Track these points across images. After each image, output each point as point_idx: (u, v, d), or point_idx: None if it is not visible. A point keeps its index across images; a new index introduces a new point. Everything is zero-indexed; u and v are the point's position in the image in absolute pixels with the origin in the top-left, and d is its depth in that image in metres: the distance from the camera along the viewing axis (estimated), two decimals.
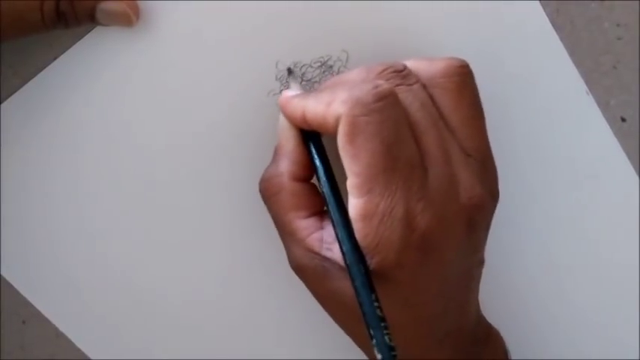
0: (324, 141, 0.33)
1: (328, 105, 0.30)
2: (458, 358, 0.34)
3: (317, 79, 0.36)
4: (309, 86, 0.36)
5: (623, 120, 0.40)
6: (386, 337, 0.28)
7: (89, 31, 0.34)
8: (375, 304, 0.28)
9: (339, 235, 0.30)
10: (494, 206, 0.33)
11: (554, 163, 0.40)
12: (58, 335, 0.37)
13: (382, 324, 0.28)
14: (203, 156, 0.37)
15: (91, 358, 0.38)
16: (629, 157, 0.40)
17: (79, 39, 0.34)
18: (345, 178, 0.30)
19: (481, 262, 0.34)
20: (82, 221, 0.37)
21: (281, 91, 0.36)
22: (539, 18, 0.38)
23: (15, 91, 0.35)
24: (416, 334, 0.32)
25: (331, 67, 0.36)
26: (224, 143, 0.37)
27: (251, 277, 0.39)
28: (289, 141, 0.33)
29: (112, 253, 0.37)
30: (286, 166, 0.33)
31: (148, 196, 0.37)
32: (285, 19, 0.36)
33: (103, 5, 0.33)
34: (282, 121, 0.34)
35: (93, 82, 0.35)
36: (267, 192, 0.33)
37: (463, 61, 0.32)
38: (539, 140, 0.40)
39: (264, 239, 0.38)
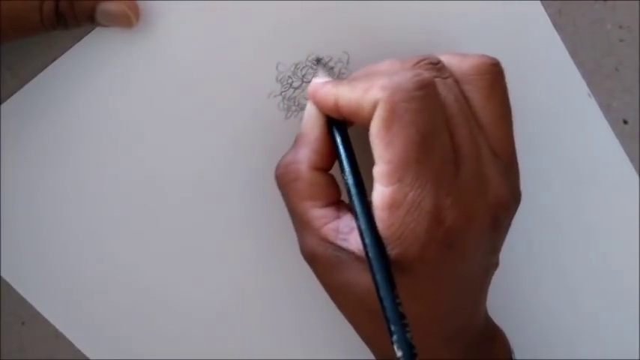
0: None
1: (365, 91, 0.30)
2: (465, 357, 0.34)
3: None
4: None
5: (625, 122, 0.40)
6: (407, 335, 0.27)
7: (88, 32, 0.34)
8: (397, 300, 0.28)
9: (362, 227, 0.29)
10: (517, 208, 0.33)
11: (555, 165, 0.40)
12: (58, 336, 0.37)
13: (403, 321, 0.28)
14: (203, 157, 0.37)
15: (91, 358, 0.38)
16: (631, 160, 0.40)
17: (79, 40, 0.34)
18: (366, 171, 0.30)
19: (496, 265, 0.34)
20: (81, 222, 0.36)
21: (282, 92, 0.36)
22: (541, 19, 0.38)
23: (14, 93, 0.34)
24: (426, 330, 0.32)
25: (332, 68, 0.36)
26: (224, 144, 0.37)
27: (251, 276, 0.39)
28: (314, 129, 0.33)
29: (112, 253, 0.37)
30: (307, 154, 0.33)
31: (148, 197, 0.37)
32: (286, 21, 0.35)
33: (102, 6, 0.32)
34: (310, 109, 0.33)
35: (92, 84, 0.35)
36: (284, 178, 0.33)
37: (495, 59, 0.32)
38: (541, 142, 0.40)
39: (264, 240, 0.38)
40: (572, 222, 0.41)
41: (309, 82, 0.36)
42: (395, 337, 0.27)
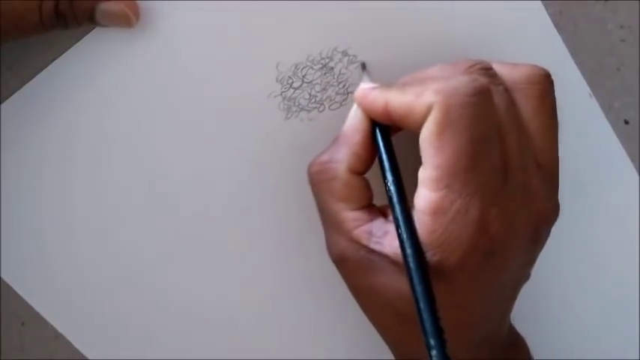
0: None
1: (418, 95, 0.29)
2: None
3: (318, 81, 0.36)
4: (310, 88, 0.36)
5: (626, 122, 0.40)
6: (446, 350, 0.27)
7: (88, 32, 0.34)
8: (437, 314, 0.27)
9: (403, 234, 0.29)
10: (555, 221, 0.32)
11: None
12: (57, 336, 0.37)
13: (442, 335, 0.27)
14: (203, 157, 0.37)
15: (90, 359, 0.38)
16: (632, 160, 0.40)
17: (78, 40, 0.34)
18: (407, 176, 0.30)
19: (528, 277, 0.33)
20: (81, 222, 0.36)
21: (282, 92, 0.36)
22: (541, 19, 0.38)
23: (14, 92, 0.34)
24: (455, 337, 0.31)
25: (332, 68, 0.36)
26: (224, 144, 0.37)
27: (251, 278, 0.39)
28: (357, 133, 0.32)
29: (111, 254, 0.37)
30: (346, 155, 0.32)
31: (147, 197, 0.37)
32: (286, 21, 0.35)
33: (102, 6, 0.32)
34: (354, 113, 0.33)
35: (92, 83, 0.35)
36: (319, 176, 0.33)
37: (546, 70, 0.32)
38: None
39: (263, 240, 0.38)
40: (573, 222, 0.41)
41: (310, 82, 0.36)
42: (434, 352, 0.27)
